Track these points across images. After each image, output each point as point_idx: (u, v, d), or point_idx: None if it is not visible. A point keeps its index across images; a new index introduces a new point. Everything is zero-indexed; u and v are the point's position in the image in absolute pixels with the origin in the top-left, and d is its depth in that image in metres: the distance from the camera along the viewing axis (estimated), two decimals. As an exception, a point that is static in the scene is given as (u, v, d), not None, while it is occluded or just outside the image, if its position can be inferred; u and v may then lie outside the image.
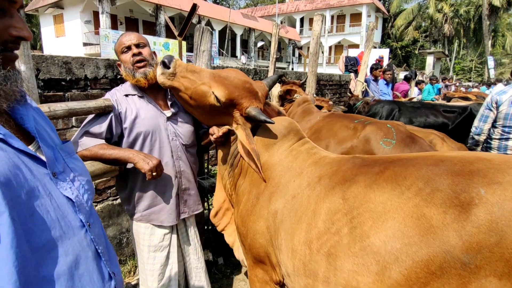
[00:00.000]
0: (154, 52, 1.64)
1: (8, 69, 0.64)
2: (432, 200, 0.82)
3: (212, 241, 2.67)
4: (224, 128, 1.44)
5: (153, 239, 1.64)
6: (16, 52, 0.67)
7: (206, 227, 2.44)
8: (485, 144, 2.68)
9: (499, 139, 2.53)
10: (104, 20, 17.32)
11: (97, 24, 18.33)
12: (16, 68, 0.68)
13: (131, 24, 21.17)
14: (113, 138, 1.53)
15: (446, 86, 11.38)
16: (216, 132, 1.46)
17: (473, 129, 2.73)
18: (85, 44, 18.53)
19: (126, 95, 1.58)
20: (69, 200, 0.71)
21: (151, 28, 20.90)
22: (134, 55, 1.53)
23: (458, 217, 0.76)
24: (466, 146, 2.88)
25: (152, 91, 1.62)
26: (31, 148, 0.68)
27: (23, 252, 0.57)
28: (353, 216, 0.95)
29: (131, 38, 1.54)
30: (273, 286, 1.38)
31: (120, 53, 1.56)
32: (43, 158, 0.68)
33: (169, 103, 1.66)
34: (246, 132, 1.37)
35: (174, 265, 1.68)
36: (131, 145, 1.55)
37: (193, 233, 1.79)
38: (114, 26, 18.65)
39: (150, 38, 13.36)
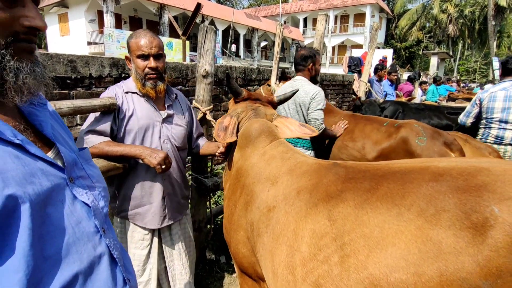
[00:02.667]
0: (164, 55, 1.61)
1: (21, 60, 0.61)
2: (438, 222, 0.74)
3: (215, 239, 2.68)
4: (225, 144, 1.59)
5: (134, 235, 1.63)
6: (30, 44, 0.63)
7: (209, 226, 2.44)
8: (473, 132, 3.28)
9: (484, 128, 3.10)
10: (109, 19, 17.39)
11: (101, 23, 18.42)
12: (36, 60, 0.65)
13: (135, 23, 21.24)
14: (114, 132, 1.54)
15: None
16: (220, 146, 1.63)
17: (458, 120, 3.35)
18: (89, 43, 18.63)
19: (127, 92, 1.56)
20: (84, 206, 0.71)
21: (155, 27, 20.96)
22: (150, 68, 1.50)
23: (473, 241, 0.69)
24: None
25: None
26: (50, 154, 0.68)
27: (36, 260, 0.57)
28: (344, 242, 0.84)
29: (151, 46, 1.48)
30: None
31: (135, 56, 1.51)
32: (60, 164, 0.68)
33: (166, 104, 1.65)
34: (230, 114, 1.52)
35: (154, 265, 1.66)
36: (120, 141, 1.54)
37: (177, 238, 1.74)
38: (118, 25, 18.71)
39: (153, 38, 13.40)
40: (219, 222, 2.97)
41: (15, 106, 0.66)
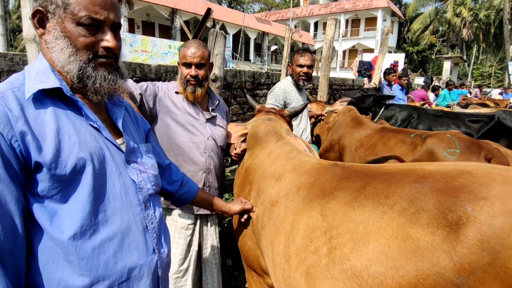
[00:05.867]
0: (212, 63, 1.79)
1: (102, 72, 0.85)
2: (417, 220, 0.78)
3: (222, 242, 2.68)
4: (243, 146, 1.70)
5: (177, 224, 1.76)
6: (107, 59, 0.85)
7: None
8: None
9: None
10: (122, 23, 17.77)
11: (115, 28, 18.81)
12: (114, 70, 0.88)
13: (148, 28, 21.64)
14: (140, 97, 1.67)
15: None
16: (237, 148, 1.73)
17: None
18: (103, 47, 19.03)
19: (177, 92, 1.76)
20: (133, 183, 0.91)
21: (166, 31, 21.29)
22: (191, 75, 1.67)
23: (447, 238, 0.73)
24: None
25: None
26: (119, 141, 0.91)
27: (90, 209, 0.79)
28: (332, 236, 0.91)
29: (195, 56, 1.65)
30: None
31: (181, 63, 1.70)
32: (123, 149, 0.90)
33: (210, 108, 1.82)
34: (241, 123, 1.70)
35: (194, 253, 1.79)
36: (165, 129, 1.70)
37: (212, 229, 1.88)
38: (131, 29, 19.10)
39: (165, 42, 13.60)
40: (225, 224, 2.98)
41: (104, 103, 0.93)
